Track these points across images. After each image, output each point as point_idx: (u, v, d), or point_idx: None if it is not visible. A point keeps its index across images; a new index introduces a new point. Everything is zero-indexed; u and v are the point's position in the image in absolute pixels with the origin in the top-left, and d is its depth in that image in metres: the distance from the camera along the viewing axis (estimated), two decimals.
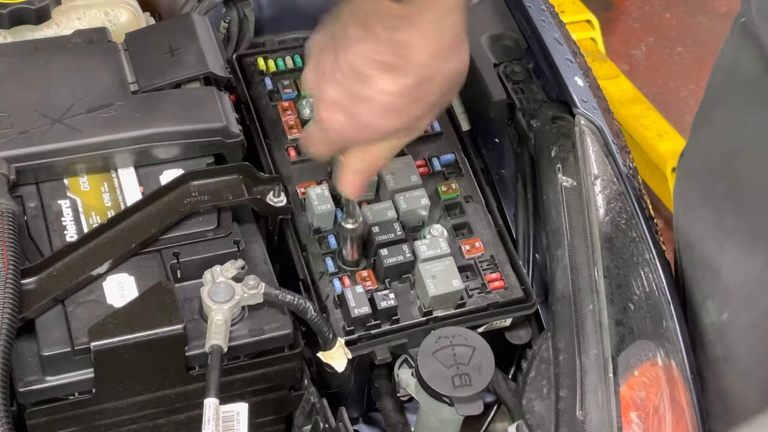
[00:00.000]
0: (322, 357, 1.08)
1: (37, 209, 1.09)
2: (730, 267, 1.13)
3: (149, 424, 1.07)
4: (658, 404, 1.10)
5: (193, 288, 1.05)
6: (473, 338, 1.07)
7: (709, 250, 1.15)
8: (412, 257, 1.14)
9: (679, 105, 2.65)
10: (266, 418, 1.13)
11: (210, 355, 0.99)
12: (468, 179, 1.23)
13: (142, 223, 1.06)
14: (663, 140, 2.33)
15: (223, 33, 1.34)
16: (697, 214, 1.17)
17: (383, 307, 1.11)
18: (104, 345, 0.98)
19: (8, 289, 0.96)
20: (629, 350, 1.11)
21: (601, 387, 1.07)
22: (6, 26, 1.20)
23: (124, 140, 1.11)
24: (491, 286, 1.16)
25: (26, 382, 0.99)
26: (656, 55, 2.79)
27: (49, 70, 1.15)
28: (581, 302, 1.12)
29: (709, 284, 1.17)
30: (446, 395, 1.04)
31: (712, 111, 1.14)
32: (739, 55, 1.08)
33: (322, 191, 1.16)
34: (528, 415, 1.11)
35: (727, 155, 1.11)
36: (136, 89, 1.14)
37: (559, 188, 1.21)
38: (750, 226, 1.11)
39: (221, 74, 1.18)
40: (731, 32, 1.10)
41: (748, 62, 1.06)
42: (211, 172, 1.10)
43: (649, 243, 1.18)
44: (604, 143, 1.23)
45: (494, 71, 1.32)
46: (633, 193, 1.21)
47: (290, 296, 1.03)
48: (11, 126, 1.09)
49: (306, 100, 1.25)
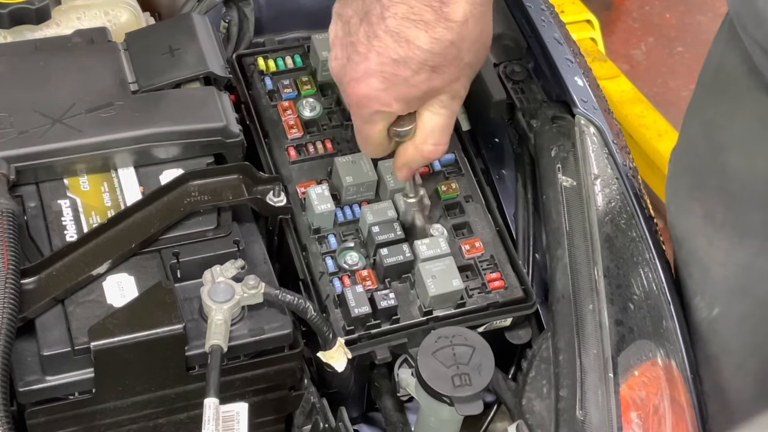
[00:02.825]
0: (322, 357, 1.08)
1: (37, 209, 1.09)
2: (720, 260, 1.14)
3: (149, 424, 1.07)
4: (658, 404, 1.10)
5: (193, 288, 1.05)
6: (473, 338, 1.07)
7: (699, 244, 1.16)
8: (412, 257, 1.14)
9: (679, 105, 2.64)
10: (266, 418, 1.13)
11: (210, 355, 0.99)
12: (468, 179, 1.23)
13: (142, 223, 1.06)
14: (663, 140, 2.33)
15: (223, 33, 1.34)
16: (687, 208, 1.17)
17: (383, 306, 1.11)
18: (104, 345, 0.98)
19: (8, 289, 0.96)
20: (629, 350, 1.11)
21: (601, 387, 1.07)
22: (6, 26, 1.20)
23: (124, 140, 1.11)
24: (491, 286, 1.16)
25: (26, 382, 0.99)
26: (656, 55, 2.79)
27: (49, 70, 1.15)
28: (581, 302, 1.12)
29: (697, 280, 1.17)
30: (446, 395, 1.04)
31: (702, 106, 1.14)
32: (728, 51, 1.08)
33: (322, 191, 1.16)
34: (528, 415, 1.11)
35: (716, 149, 1.11)
36: (136, 89, 1.14)
37: (559, 188, 1.21)
38: (739, 220, 1.11)
39: (221, 74, 1.18)
40: (721, 27, 1.11)
41: (736, 59, 1.07)
42: (211, 171, 1.10)
43: (649, 243, 1.19)
44: (604, 143, 1.23)
45: (494, 71, 1.32)
46: (633, 193, 1.21)
47: (290, 296, 1.03)
48: (11, 126, 1.09)
49: (306, 99, 1.25)
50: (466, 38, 0.96)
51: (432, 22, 0.94)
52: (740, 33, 1.02)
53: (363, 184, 1.18)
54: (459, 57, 0.97)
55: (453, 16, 0.95)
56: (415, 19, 0.94)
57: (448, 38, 0.95)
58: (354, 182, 1.17)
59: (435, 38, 0.95)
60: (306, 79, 1.27)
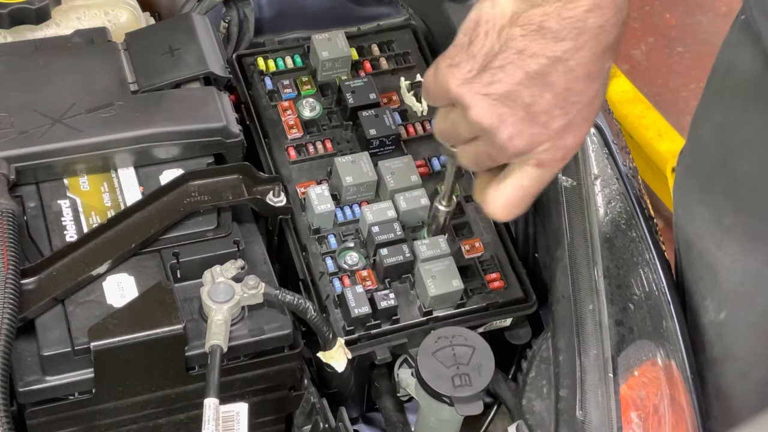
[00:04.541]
0: (322, 357, 1.08)
1: (37, 209, 1.09)
2: (728, 265, 1.13)
3: (149, 424, 1.07)
4: (658, 404, 1.10)
5: (193, 288, 1.05)
6: (473, 338, 1.07)
7: (707, 248, 1.15)
8: (412, 257, 1.14)
9: (679, 105, 2.65)
10: (266, 418, 1.13)
11: (210, 355, 0.99)
12: (468, 179, 1.23)
13: (142, 223, 1.06)
14: (663, 140, 2.33)
15: (223, 33, 1.34)
16: (696, 212, 1.17)
17: (383, 307, 1.11)
18: (104, 345, 0.98)
19: (8, 289, 0.96)
20: (629, 350, 1.11)
21: (601, 387, 1.07)
22: (6, 26, 1.19)
23: (124, 140, 1.11)
24: (491, 286, 1.16)
25: (26, 382, 0.99)
26: (656, 55, 2.79)
27: (49, 70, 1.14)
28: (581, 302, 1.12)
29: (707, 283, 1.17)
30: (446, 395, 1.04)
31: (711, 109, 1.14)
32: (738, 53, 1.08)
33: (322, 191, 1.16)
34: (528, 415, 1.11)
35: (726, 153, 1.11)
36: (136, 89, 1.14)
37: (559, 188, 1.20)
38: (748, 224, 1.11)
39: (221, 74, 1.18)
40: (731, 30, 1.10)
41: (747, 60, 1.06)
42: (211, 172, 1.10)
43: (649, 243, 1.18)
44: (604, 143, 1.23)
45: None
46: (633, 193, 1.21)
47: (290, 296, 1.03)
48: (11, 126, 1.09)
49: (306, 100, 1.25)
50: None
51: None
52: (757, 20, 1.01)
53: (363, 184, 1.18)
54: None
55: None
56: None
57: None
58: (354, 182, 1.17)
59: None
60: (306, 79, 1.27)
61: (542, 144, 0.88)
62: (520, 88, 0.86)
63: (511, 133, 0.87)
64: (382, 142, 1.22)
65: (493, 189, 0.93)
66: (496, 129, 0.87)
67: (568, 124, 0.88)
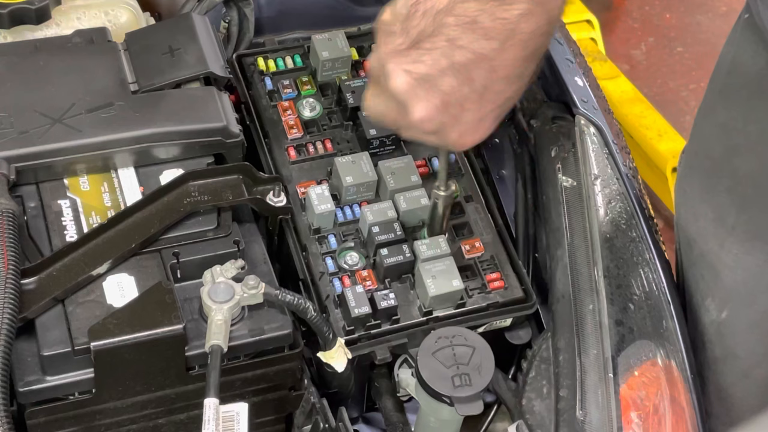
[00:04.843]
0: (322, 357, 1.08)
1: (37, 209, 1.09)
2: (730, 264, 1.13)
3: (149, 424, 1.07)
4: (658, 404, 1.10)
5: (193, 288, 1.05)
6: (473, 338, 1.07)
7: (710, 247, 1.15)
8: (412, 257, 1.14)
9: (679, 105, 2.65)
10: (266, 418, 1.13)
11: (210, 355, 0.99)
12: (468, 179, 1.23)
13: (142, 223, 1.06)
14: (663, 140, 2.33)
15: (223, 33, 1.34)
16: (698, 210, 1.17)
17: (383, 307, 1.11)
18: (104, 345, 0.98)
19: (8, 289, 0.96)
20: (629, 350, 1.11)
21: (601, 387, 1.07)
22: (6, 26, 1.19)
23: (124, 140, 1.11)
24: (491, 286, 1.16)
25: (26, 382, 0.99)
26: (656, 55, 2.79)
27: (49, 70, 1.14)
28: (581, 302, 1.12)
29: (709, 282, 1.17)
30: (446, 395, 1.04)
31: (714, 108, 1.14)
32: (742, 51, 1.08)
33: (322, 191, 1.16)
34: (528, 415, 1.11)
35: (729, 152, 1.11)
36: (136, 89, 1.14)
37: (559, 188, 1.21)
38: (750, 223, 1.11)
39: (221, 74, 1.18)
40: (734, 29, 1.10)
41: (751, 58, 1.06)
42: (211, 172, 1.10)
43: (649, 243, 1.18)
44: (604, 143, 1.23)
45: None
46: (633, 193, 1.21)
47: (290, 296, 1.03)
48: (11, 126, 1.09)
49: (306, 100, 1.25)
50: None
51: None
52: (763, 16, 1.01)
53: (363, 184, 1.18)
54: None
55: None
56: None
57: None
58: (354, 182, 1.17)
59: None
60: (306, 79, 1.27)
61: (449, 132, 0.92)
62: (441, 75, 0.88)
63: (422, 116, 0.91)
64: (382, 142, 1.22)
65: (379, 103, 0.96)
66: (409, 107, 0.91)
67: (479, 120, 0.91)
